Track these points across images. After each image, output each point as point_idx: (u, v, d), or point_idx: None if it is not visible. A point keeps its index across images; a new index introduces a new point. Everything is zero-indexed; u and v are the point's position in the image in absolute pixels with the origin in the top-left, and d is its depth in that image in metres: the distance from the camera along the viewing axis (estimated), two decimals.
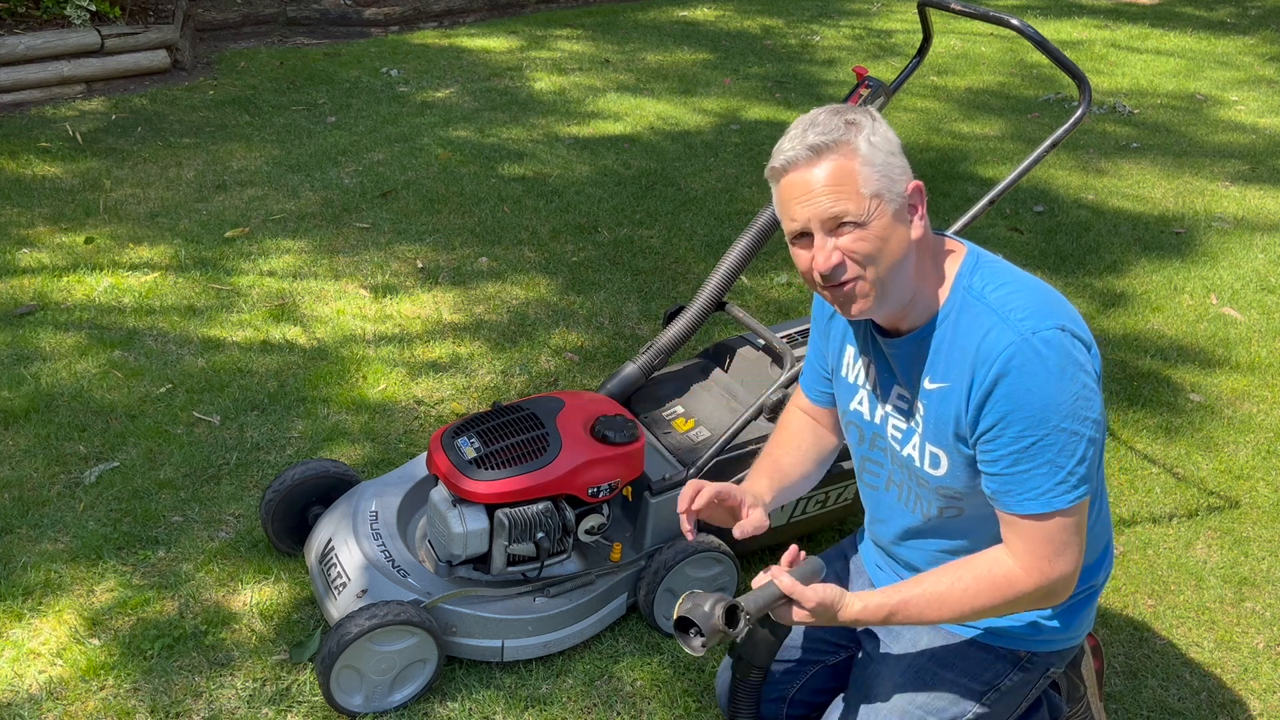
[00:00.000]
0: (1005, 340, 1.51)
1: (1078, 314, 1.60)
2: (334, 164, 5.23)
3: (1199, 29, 8.91)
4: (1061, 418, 1.49)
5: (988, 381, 1.52)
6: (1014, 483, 1.54)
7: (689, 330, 2.73)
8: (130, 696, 2.30)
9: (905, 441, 1.72)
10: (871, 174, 1.51)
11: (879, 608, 1.65)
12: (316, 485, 2.63)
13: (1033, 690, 1.85)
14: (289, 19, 7.68)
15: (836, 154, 1.51)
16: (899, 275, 1.56)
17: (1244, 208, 5.31)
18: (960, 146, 5.98)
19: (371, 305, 3.95)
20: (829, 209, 1.51)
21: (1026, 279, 1.62)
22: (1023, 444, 1.51)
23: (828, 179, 1.51)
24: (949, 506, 1.70)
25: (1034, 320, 1.52)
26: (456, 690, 2.35)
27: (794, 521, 2.66)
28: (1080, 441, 1.51)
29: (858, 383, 1.80)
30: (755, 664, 1.83)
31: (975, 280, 1.60)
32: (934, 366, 1.62)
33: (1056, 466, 1.51)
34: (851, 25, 8.68)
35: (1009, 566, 1.59)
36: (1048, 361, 1.49)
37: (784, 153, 1.54)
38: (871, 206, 1.51)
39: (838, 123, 1.52)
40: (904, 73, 2.85)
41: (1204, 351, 3.99)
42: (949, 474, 1.65)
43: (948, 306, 1.61)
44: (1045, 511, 1.53)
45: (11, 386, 3.34)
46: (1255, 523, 3.07)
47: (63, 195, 4.73)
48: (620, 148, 5.68)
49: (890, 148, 1.54)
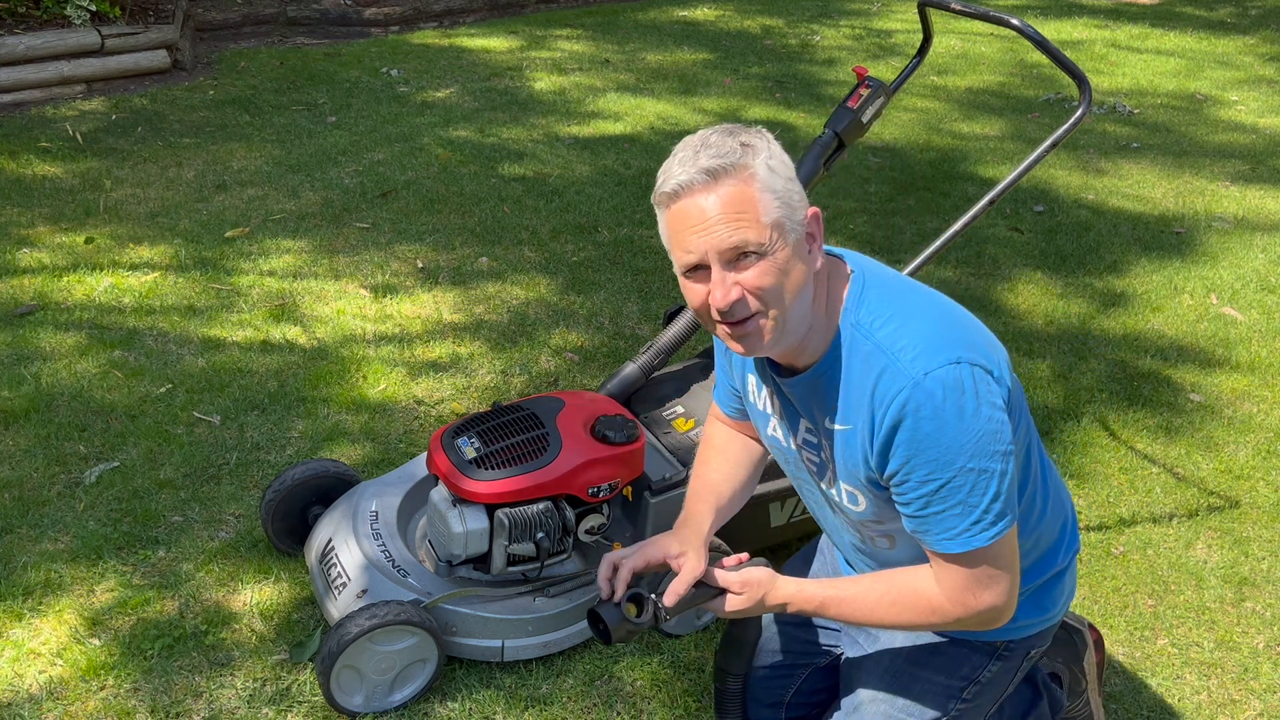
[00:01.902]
0: (896, 386, 1.43)
1: (979, 334, 1.52)
2: (334, 164, 5.23)
3: (1199, 29, 8.91)
4: (967, 458, 1.42)
5: (885, 427, 1.45)
6: (929, 524, 1.49)
7: (689, 330, 2.73)
8: (130, 696, 2.30)
9: (821, 476, 1.66)
10: (772, 201, 1.40)
11: (810, 598, 1.62)
12: (316, 485, 2.63)
13: (1017, 675, 1.82)
14: (289, 19, 7.68)
15: (734, 179, 1.39)
16: (798, 310, 1.46)
17: (1244, 208, 5.31)
18: (960, 146, 5.98)
19: (371, 305, 3.95)
20: (728, 239, 1.40)
21: (917, 304, 1.53)
22: (930, 487, 1.45)
23: (726, 206, 1.39)
24: (880, 536, 1.67)
25: (925, 359, 1.43)
26: (456, 690, 2.35)
27: (794, 521, 2.66)
28: (992, 478, 1.44)
29: (768, 411, 1.73)
30: (730, 671, 1.83)
31: (863, 314, 1.50)
32: (833, 407, 1.54)
33: (969, 506, 1.45)
34: (851, 25, 8.68)
35: (935, 594, 1.55)
36: (944, 404, 1.41)
37: (675, 177, 1.41)
38: (773, 237, 1.40)
39: (732, 144, 1.41)
40: (904, 73, 2.85)
41: (1204, 351, 3.99)
42: (868, 510, 1.60)
43: (838, 342, 1.51)
44: (964, 551, 1.48)
45: (11, 386, 3.34)
46: (1255, 523, 3.07)
47: (63, 195, 4.73)
48: (620, 148, 5.68)
49: (788, 172, 1.44)
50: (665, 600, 1.62)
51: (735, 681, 1.83)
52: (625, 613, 1.61)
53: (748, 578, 1.62)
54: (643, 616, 1.61)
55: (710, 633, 2.56)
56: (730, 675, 1.82)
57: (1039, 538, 1.70)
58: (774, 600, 1.63)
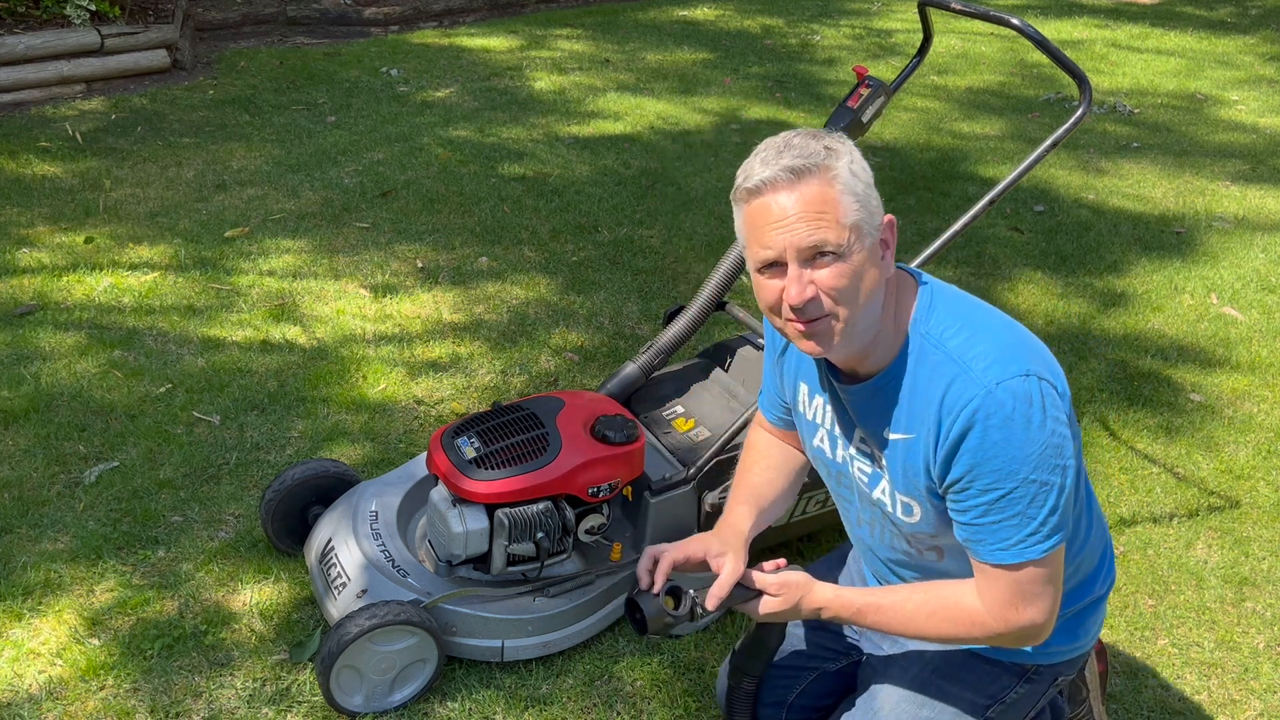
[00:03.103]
0: (968, 394, 1.44)
1: (1044, 351, 1.53)
2: (334, 164, 5.23)
3: (1199, 29, 8.91)
4: (1031, 469, 1.43)
5: (954, 435, 1.45)
6: (984, 533, 1.49)
7: (689, 330, 2.73)
8: (130, 696, 2.30)
9: (873, 485, 1.65)
10: (852, 203, 1.42)
11: (847, 604, 1.61)
12: (316, 485, 2.63)
13: (1041, 700, 1.81)
14: (289, 19, 7.68)
15: (817, 179, 1.40)
16: (868, 314, 1.47)
17: (1244, 207, 5.31)
18: (960, 146, 5.98)
19: (371, 305, 3.95)
20: (807, 237, 1.41)
21: (986, 318, 1.54)
22: (991, 496, 1.46)
23: (807, 205, 1.40)
24: (928, 549, 1.67)
25: (997, 369, 1.44)
26: (456, 690, 2.35)
27: (795, 522, 2.66)
28: (1051, 491, 1.45)
29: (817, 421, 1.73)
30: (748, 672, 1.83)
31: (933, 324, 1.52)
32: (897, 418, 1.54)
33: (1027, 518, 1.46)
34: (851, 25, 8.68)
35: (976, 607, 1.54)
36: (1014, 414, 1.42)
37: (757, 174, 1.42)
38: (851, 239, 1.42)
39: (816, 146, 1.42)
40: (904, 73, 2.85)
41: (1204, 351, 3.99)
42: (923, 521, 1.60)
43: (905, 352, 1.53)
44: (1016, 562, 1.48)
45: (11, 386, 3.34)
46: (1255, 523, 3.07)
47: (63, 195, 4.72)
48: (620, 147, 5.68)
49: (868, 178, 1.45)
50: (708, 603, 1.63)
51: (750, 683, 1.83)
52: (664, 605, 1.62)
53: (786, 580, 1.63)
54: (680, 610, 1.62)
55: (710, 633, 2.56)
56: (747, 676, 1.82)
57: (1081, 563, 1.70)
58: (810, 604, 1.63)
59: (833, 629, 1.96)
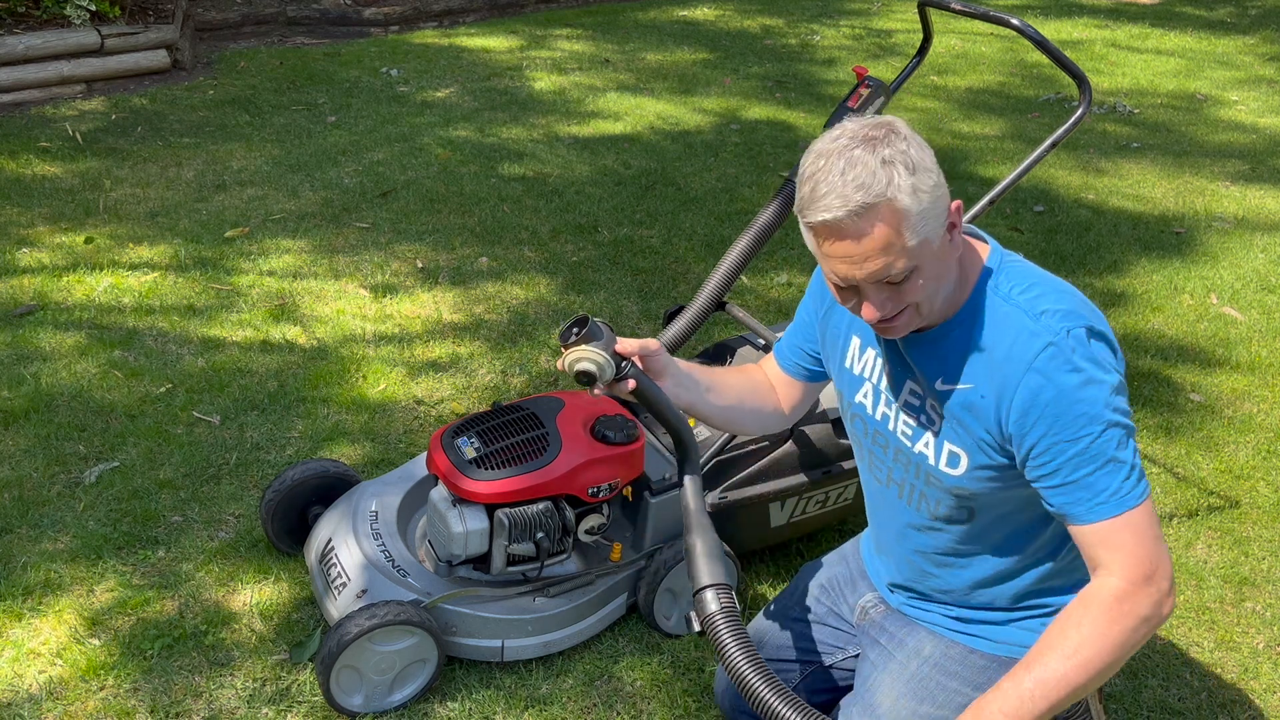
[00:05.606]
0: (1041, 341, 1.47)
1: (1103, 316, 1.57)
2: (334, 164, 5.23)
3: (1199, 29, 8.91)
4: (1110, 410, 1.46)
5: (1029, 387, 1.47)
6: (1081, 489, 1.48)
7: (689, 330, 2.73)
8: (130, 696, 2.30)
9: (917, 439, 1.66)
10: (918, 224, 1.43)
11: (1023, 695, 1.47)
12: (316, 485, 2.63)
13: None
14: (289, 19, 7.68)
15: (881, 217, 1.40)
16: (943, 293, 1.53)
17: (1244, 207, 5.31)
18: (960, 146, 5.98)
19: (371, 305, 3.95)
20: (876, 273, 1.44)
21: (1052, 279, 1.59)
22: (1079, 446, 1.46)
23: (873, 244, 1.42)
24: (960, 507, 1.66)
25: (1066, 320, 1.49)
26: (456, 690, 2.35)
27: (794, 521, 2.66)
28: (1130, 434, 1.48)
29: (864, 375, 1.75)
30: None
31: (1002, 280, 1.56)
32: (956, 366, 1.57)
33: (1118, 462, 1.46)
34: (851, 25, 8.68)
35: (1114, 585, 1.48)
36: (1084, 362, 1.46)
37: (821, 209, 1.42)
38: (921, 253, 1.45)
39: (873, 165, 1.40)
40: (904, 73, 2.85)
41: (1204, 351, 3.99)
42: (966, 474, 1.61)
43: (970, 305, 1.56)
44: (1120, 513, 1.47)
45: (11, 386, 3.34)
46: (1255, 523, 3.07)
47: (63, 195, 4.73)
48: (620, 148, 5.68)
49: (930, 180, 1.43)
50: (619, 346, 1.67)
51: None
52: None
53: (645, 342, 1.69)
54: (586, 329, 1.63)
55: None
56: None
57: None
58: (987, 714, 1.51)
59: (830, 623, 1.96)
